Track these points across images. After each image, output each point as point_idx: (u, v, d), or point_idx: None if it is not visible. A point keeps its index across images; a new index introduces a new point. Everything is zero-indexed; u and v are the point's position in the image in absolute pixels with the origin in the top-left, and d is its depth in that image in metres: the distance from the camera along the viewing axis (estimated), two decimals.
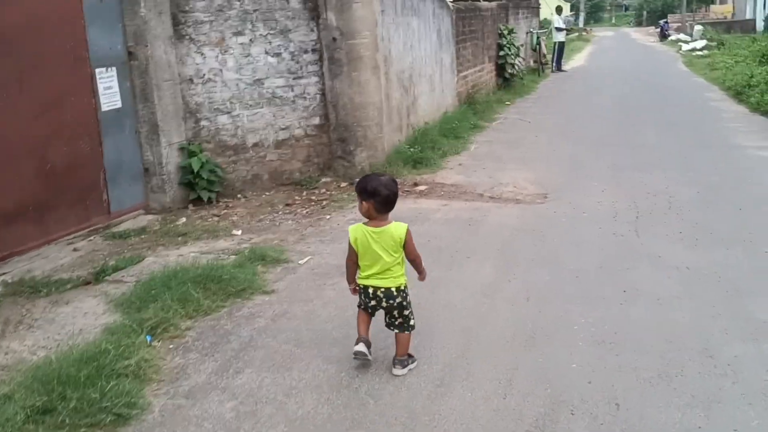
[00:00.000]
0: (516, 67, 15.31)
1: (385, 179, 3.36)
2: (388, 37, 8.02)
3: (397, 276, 3.39)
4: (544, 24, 25.85)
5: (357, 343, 3.42)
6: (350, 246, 3.43)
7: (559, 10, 20.72)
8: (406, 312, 3.44)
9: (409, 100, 8.87)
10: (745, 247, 5.04)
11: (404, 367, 3.43)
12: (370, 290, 3.40)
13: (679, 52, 26.59)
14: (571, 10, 59.95)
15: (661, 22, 41.66)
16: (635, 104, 13.11)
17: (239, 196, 7.29)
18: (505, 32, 14.85)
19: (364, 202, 3.34)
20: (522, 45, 16.34)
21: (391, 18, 8.12)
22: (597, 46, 34.58)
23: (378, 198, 3.29)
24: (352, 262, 3.48)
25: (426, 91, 9.66)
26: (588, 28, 54.09)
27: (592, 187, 7.02)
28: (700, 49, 25.50)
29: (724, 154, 8.29)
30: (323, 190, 7.35)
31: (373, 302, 3.42)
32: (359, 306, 3.53)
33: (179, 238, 5.84)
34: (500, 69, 14.85)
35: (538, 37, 18.94)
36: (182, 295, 4.15)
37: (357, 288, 3.51)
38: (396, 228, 3.35)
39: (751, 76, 13.64)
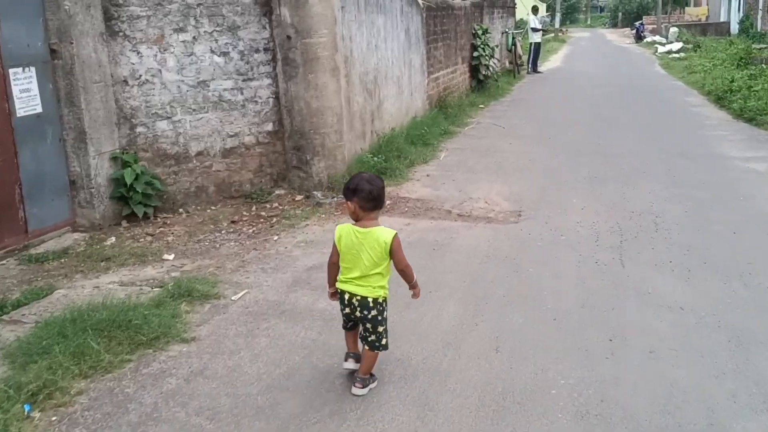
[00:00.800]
0: (491, 68, 14.69)
1: (368, 175, 3.22)
2: (350, 36, 7.31)
3: (377, 286, 3.16)
4: (520, 24, 25.37)
5: (346, 359, 3.35)
6: (333, 244, 3.24)
7: (535, 10, 20.17)
8: (380, 329, 3.20)
9: (373, 104, 8.18)
10: (744, 281, 4.42)
11: (364, 386, 3.23)
12: (346, 296, 3.20)
13: (655, 54, 26.24)
14: (547, 11, 59.73)
15: (637, 23, 41.53)
16: (613, 108, 12.56)
17: (181, 210, 6.53)
18: (480, 32, 14.23)
19: (349, 203, 3.17)
20: (497, 45, 15.75)
21: (353, 15, 7.42)
22: (573, 47, 34.19)
23: (361, 194, 3.10)
24: (333, 263, 3.29)
25: (393, 94, 8.97)
26: (564, 29, 53.90)
27: (570, 203, 6.39)
28: (677, 52, 25.17)
29: (710, 166, 7.72)
30: (275, 205, 6.63)
31: (347, 309, 3.22)
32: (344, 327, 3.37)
33: (102, 263, 5.08)
34: (474, 70, 14.22)
35: (513, 38, 18.36)
36: (79, 348, 3.41)
37: (336, 293, 3.30)
38: (382, 232, 3.15)
39: (732, 81, 13.18)
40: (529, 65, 20.13)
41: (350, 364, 3.32)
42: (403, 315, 4.02)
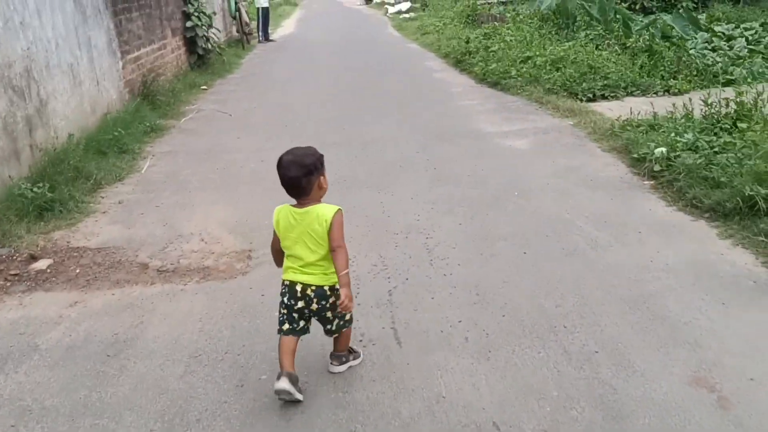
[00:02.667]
0: (211, 40, 12.51)
1: (287, 157, 2.76)
2: None
3: (330, 272, 2.76)
4: None
5: (278, 378, 2.73)
6: (274, 230, 2.85)
7: None
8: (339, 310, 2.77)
9: (29, 107, 5.72)
10: (562, 344, 3.12)
11: (341, 363, 3.00)
12: (298, 287, 2.77)
13: (386, 15, 25.85)
14: None
15: None
16: (355, 80, 11.22)
17: None
18: None
19: None
20: (214, 12, 13.55)
21: None
22: (305, 11, 32.85)
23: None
24: (276, 250, 2.91)
25: (65, 88, 6.53)
26: None
27: None
28: (407, 12, 25.00)
29: (471, 149, 6.59)
30: None
31: (300, 303, 2.78)
32: (279, 330, 2.85)
33: None
34: (191, 44, 11.96)
35: (236, 3, 16.24)
36: None
37: None
38: (322, 209, 2.73)
39: (468, 42, 12.59)
40: (260, 33, 18.22)
41: (284, 384, 2.71)
42: None
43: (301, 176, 2.70)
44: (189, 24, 11.71)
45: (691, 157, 5.03)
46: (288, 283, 2.80)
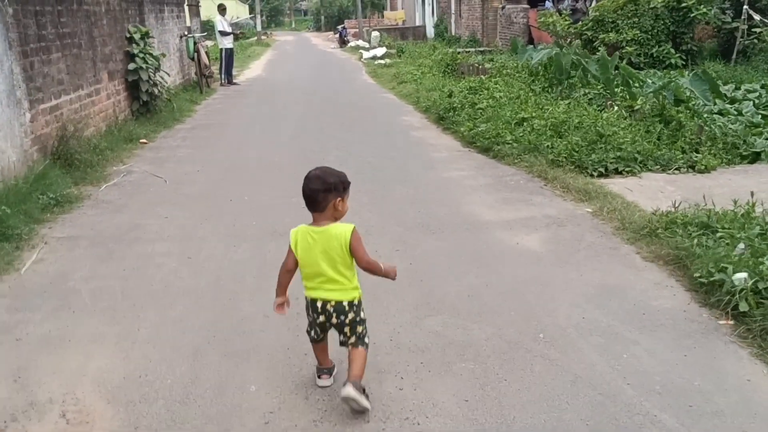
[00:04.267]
0: (158, 85, 10.92)
1: (314, 171, 2.93)
2: None
3: (350, 288, 2.93)
4: (208, 26, 21.87)
5: (320, 376, 3.12)
6: (289, 250, 2.97)
7: (221, 9, 16.70)
8: (359, 329, 2.97)
9: None
10: None
11: (358, 390, 2.80)
12: (318, 303, 2.94)
13: (360, 60, 24.64)
14: (249, 13, 57.24)
15: (340, 27, 40.82)
16: (323, 137, 9.68)
17: None
18: (138, 37, 10.39)
19: None
20: (163, 54, 11.95)
21: None
22: (277, 51, 31.65)
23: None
24: (287, 271, 3.02)
25: None
26: (269, 32, 51.79)
27: (251, 399, 3.09)
28: (382, 57, 23.82)
29: (465, 249, 5.02)
30: None
31: (321, 318, 2.96)
32: (308, 333, 3.08)
33: None
34: (134, 89, 10.35)
35: (195, 43, 14.74)
36: None
37: (285, 304, 3.06)
38: (338, 228, 2.89)
39: (450, 95, 11.21)
40: (222, 75, 16.70)
41: (325, 381, 3.11)
42: None
43: (320, 190, 2.83)
44: (132, 66, 10.12)
45: None
46: (310, 299, 2.95)
